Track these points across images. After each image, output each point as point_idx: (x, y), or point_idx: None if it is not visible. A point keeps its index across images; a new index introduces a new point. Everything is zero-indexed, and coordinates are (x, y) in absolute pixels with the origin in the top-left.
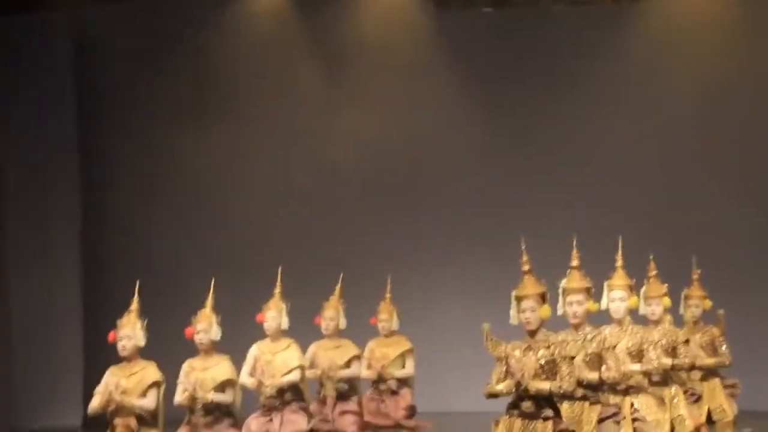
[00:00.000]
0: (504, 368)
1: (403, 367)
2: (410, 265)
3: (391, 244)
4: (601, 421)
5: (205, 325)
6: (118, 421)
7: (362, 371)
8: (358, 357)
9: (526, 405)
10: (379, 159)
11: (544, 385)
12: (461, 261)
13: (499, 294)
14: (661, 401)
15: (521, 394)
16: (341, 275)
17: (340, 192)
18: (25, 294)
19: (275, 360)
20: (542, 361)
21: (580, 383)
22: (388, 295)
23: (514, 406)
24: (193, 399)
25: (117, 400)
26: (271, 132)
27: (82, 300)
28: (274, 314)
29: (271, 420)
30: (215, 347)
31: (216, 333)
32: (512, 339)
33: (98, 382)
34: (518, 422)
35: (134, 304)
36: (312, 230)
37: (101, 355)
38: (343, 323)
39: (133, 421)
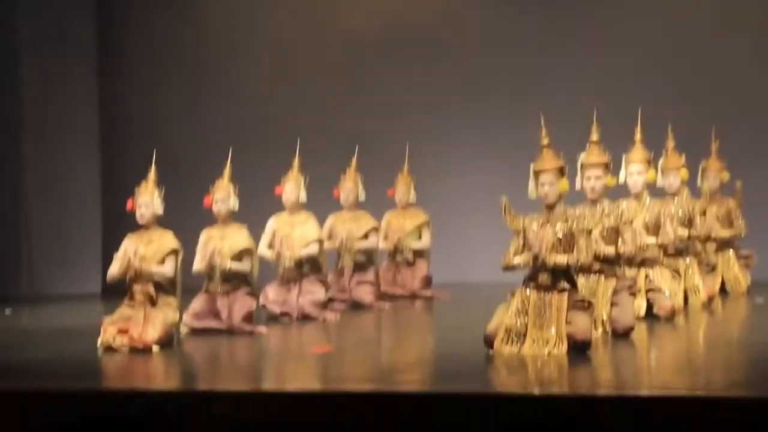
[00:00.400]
0: (521, 241)
1: (420, 238)
2: (428, 136)
3: (408, 116)
4: (616, 293)
5: (224, 195)
6: (137, 288)
7: (379, 243)
8: (375, 229)
9: (543, 278)
10: (397, 25)
11: (562, 258)
12: (480, 132)
13: (519, 166)
14: (675, 272)
15: (538, 267)
16: (356, 147)
17: (357, 61)
18: (43, 163)
19: (294, 233)
20: (560, 235)
21: (596, 257)
22: (406, 166)
23: (530, 278)
24: (211, 267)
25: (136, 267)
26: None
27: (101, 169)
28: (293, 187)
29: (288, 290)
30: (233, 217)
31: (234, 203)
32: (530, 212)
33: (117, 250)
34: (534, 294)
35: (151, 173)
36: (328, 100)
37: (120, 224)
38: (362, 195)
39: (151, 288)
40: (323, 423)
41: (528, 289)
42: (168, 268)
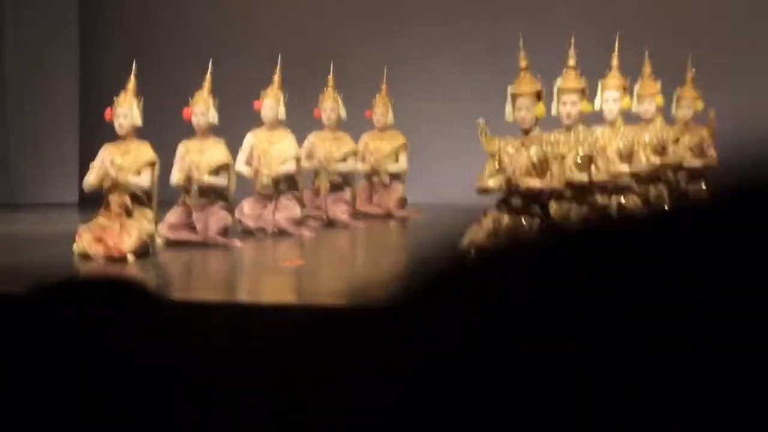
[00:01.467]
0: (496, 164)
1: (396, 161)
2: (406, 56)
3: (385, 34)
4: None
5: (203, 108)
6: (113, 198)
7: (357, 166)
8: (355, 153)
9: (516, 201)
10: None
11: (535, 183)
12: (458, 53)
13: (497, 89)
14: (646, 200)
15: (511, 190)
16: (331, 63)
17: None
18: (21, 66)
19: (271, 149)
20: (534, 159)
21: (569, 184)
22: (384, 88)
23: (503, 201)
24: (188, 180)
25: (113, 176)
26: None
27: (79, 77)
28: (272, 103)
29: (264, 206)
30: (212, 130)
31: (213, 116)
32: (507, 135)
33: (94, 159)
34: (506, 217)
35: (131, 84)
36: (311, 14)
37: (98, 133)
38: (343, 113)
39: (127, 199)
40: (294, 336)
41: (501, 212)
42: (144, 180)
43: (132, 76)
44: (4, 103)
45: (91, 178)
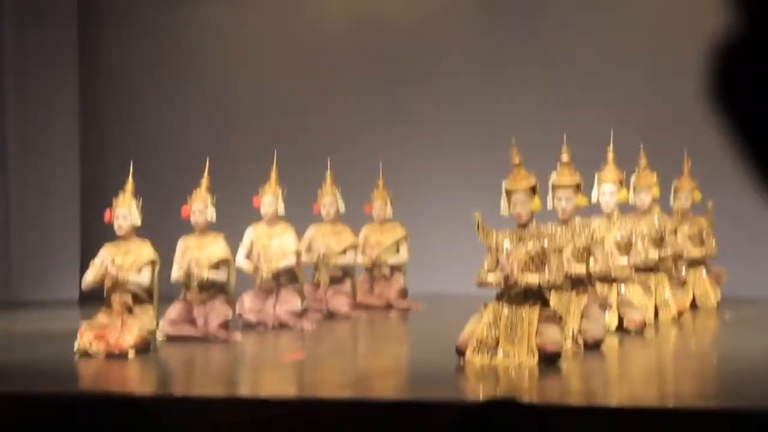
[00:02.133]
0: (495, 257)
1: (398, 252)
2: (404, 151)
3: (384, 130)
4: (587, 306)
5: (201, 206)
6: (114, 297)
7: (357, 258)
8: (355, 246)
9: (515, 293)
10: (375, 38)
11: (533, 279)
12: (455, 147)
13: (493, 180)
14: (647, 288)
15: (511, 286)
16: (328, 160)
17: (333, 71)
18: (22, 163)
19: (272, 244)
20: (532, 253)
21: (567, 276)
22: (380, 182)
23: (503, 294)
24: (188, 276)
25: (113, 274)
26: (263, 7)
27: (80, 174)
28: (271, 199)
29: (265, 299)
30: (210, 227)
31: (211, 214)
32: (504, 227)
33: (94, 258)
34: (506, 308)
35: (129, 184)
36: (307, 110)
37: (98, 231)
38: (341, 207)
39: (129, 298)
40: (297, 429)
41: (500, 303)
42: (145, 278)
43: (130, 177)
44: (6, 203)
45: (89, 277)
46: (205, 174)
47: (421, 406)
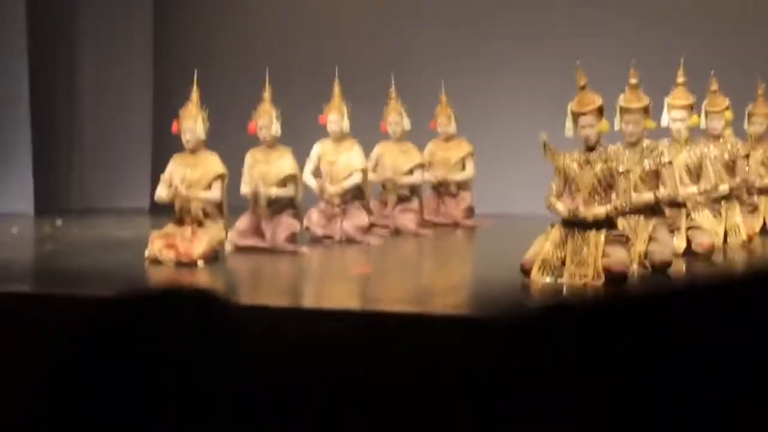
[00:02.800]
0: (563, 179)
1: (464, 169)
2: (469, 65)
3: (448, 43)
4: (655, 229)
5: (266, 121)
6: (185, 210)
7: (424, 176)
8: (422, 165)
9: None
10: None
11: (600, 210)
12: (521, 62)
13: (561, 96)
14: (717, 212)
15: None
16: (392, 75)
17: None
18: (96, 75)
19: (338, 161)
20: (599, 176)
21: (635, 205)
22: (443, 98)
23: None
24: (256, 195)
25: (183, 194)
26: None
27: (153, 81)
28: (336, 117)
29: (332, 214)
30: (277, 140)
31: (276, 129)
32: (571, 148)
33: (166, 164)
34: (573, 230)
35: (194, 95)
36: (366, 28)
37: (169, 143)
38: (407, 124)
39: (199, 213)
40: (358, 342)
41: (567, 226)
42: (214, 193)
43: (195, 87)
44: (80, 112)
45: (162, 194)
46: (267, 87)
47: (483, 323)
